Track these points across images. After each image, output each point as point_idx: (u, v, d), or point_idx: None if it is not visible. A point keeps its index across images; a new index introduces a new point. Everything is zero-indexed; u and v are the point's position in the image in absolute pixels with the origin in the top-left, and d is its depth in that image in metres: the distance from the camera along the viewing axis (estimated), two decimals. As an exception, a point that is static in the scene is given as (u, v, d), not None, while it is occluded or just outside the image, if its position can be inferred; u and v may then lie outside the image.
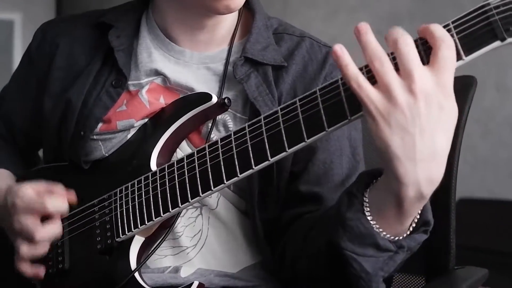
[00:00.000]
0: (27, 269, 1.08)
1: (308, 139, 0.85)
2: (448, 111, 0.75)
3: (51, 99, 1.18)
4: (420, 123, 0.74)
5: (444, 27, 0.77)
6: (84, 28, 1.21)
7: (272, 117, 0.89)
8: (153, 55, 1.14)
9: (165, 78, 1.12)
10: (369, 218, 0.84)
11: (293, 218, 1.06)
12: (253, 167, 0.91)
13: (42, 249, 1.07)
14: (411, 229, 0.86)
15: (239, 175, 0.92)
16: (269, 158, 0.89)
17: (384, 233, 0.85)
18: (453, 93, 0.76)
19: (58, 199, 1.07)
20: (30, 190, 1.07)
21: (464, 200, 3.53)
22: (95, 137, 1.12)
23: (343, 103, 0.82)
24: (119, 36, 1.15)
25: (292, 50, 1.14)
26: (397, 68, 0.76)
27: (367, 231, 0.84)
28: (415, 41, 0.77)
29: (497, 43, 0.75)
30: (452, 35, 0.76)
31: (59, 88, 1.18)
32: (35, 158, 1.37)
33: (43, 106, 1.19)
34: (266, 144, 0.89)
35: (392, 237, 0.85)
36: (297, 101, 0.87)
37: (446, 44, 0.74)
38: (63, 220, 1.11)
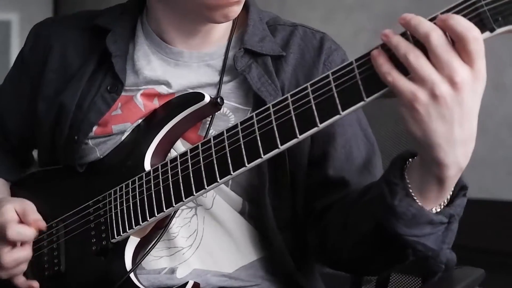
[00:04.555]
0: (19, 283, 1.10)
1: (321, 123, 0.84)
2: (480, 92, 0.77)
3: (44, 101, 1.18)
4: (460, 111, 0.76)
5: (433, 18, 0.77)
6: (77, 30, 1.20)
7: (282, 105, 0.88)
8: (152, 63, 1.14)
9: (166, 85, 1.12)
10: (415, 198, 0.85)
11: (327, 206, 1.07)
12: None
13: (16, 271, 1.08)
14: (448, 197, 0.87)
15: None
16: (279, 146, 0.88)
17: (428, 209, 0.85)
18: (485, 74, 0.76)
19: (22, 228, 1.08)
20: (9, 211, 1.08)
21: (467, 192, 3.53)
22: (89, 141, 1.12)
23: (359, 85, 0.81)
24: (116, 41, 1.14)
25: (287, 39, 1.14)
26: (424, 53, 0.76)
27: (419, 212, 0.84)
28: (434, 18, 0.77)
29: (486, 34, 0.75)
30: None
31: (52, 90, 1.17)
32: (30, 159, 1.36)
33: (37, 109, 1.18)
34: (275, 134, 0.88)
35: (436, 209, 0.86)
36: (309, 86, 0.86)
37: (472, 38, 0.74)
38: (58, 222, 1.12)
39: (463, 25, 0.74)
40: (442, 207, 0.87)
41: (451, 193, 0.87)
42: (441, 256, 0.87)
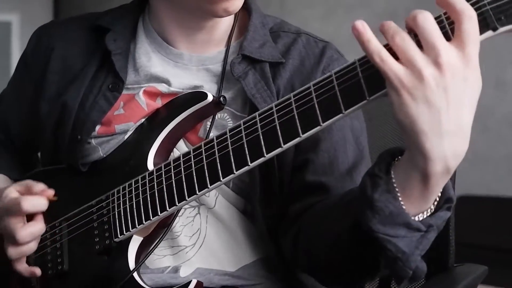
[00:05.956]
0: (22, 269, 1.09)
1: (323, 122, 0.83)
2: (472, 83, 0.74)
3: (47, 103, 1.18)
4: (446, 97, 0.73)
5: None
6: (79, 31, 1.21)
7: (284, 104, 0.87)
8: (152, 60, 1.14)
9: (166, 84, 1.12)
10: (398, 195, 0.81)
11: (302, 210, 1.05)
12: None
13: (28, 248, 1.08)
14: (432, 207, 0.83)
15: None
16: (282, 145, 0.88)
17: (410, 213, 0.82)
18: (478, 65, 0.75)
19: (34, 198, 1.08)
20: (12, 192, 1.08)
21: (463, 197, 3.53)
22: (93, 140, 1.12)
23: (361, 84, 0.80)
24: (116, 40, 1.15)
25: (288, 46, 1.14)
26: (419, 46, 0.75)
27: (397, 210, 0.80)
28: (439, 16, 0.76)
29: (489, 33, 0.75)
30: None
31: (54, 91, 1.18)
32: (34, 161, 1.36)
33: (40, 110, 1.19)
34: (278, 133, 0.88)
35: (418, 217, 0.82)
36: (311, 86, 0.85)
37: (467, 17, 0.73)
38: (61, 222, 1.12)
39: (462, 2, 0.74)
40: (424, 216, 0.82)
41: (435, 203, 0.83)
42: (411, 261, 0.82)
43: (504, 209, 3.58)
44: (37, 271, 1.09)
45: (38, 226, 1.08)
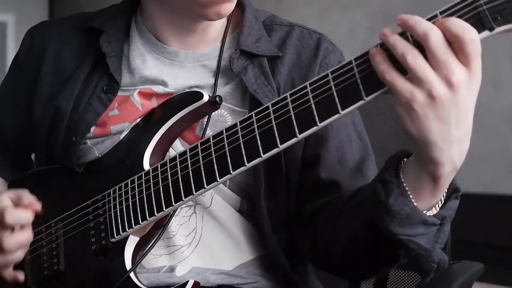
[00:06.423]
0: (6, 274, 1.09)
1: (320, 122, 0.84)
2: (476, 92, 0.77)
3: (40, 105, 1.18)
4: (457, 112, 0.76)
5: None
6: (72, 32, 1.21)
7: (281, 104, 0.88)
8: (147, 62, 1.14)
9: (162, 85, 1.12)
10: (410, 196, 0.84)
11: (317, 210, 1.07)
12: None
13: (15, 257, 1.07)
14: (443, 199, 0.87)
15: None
16: (279, 145, 0.88)
17: (421, 208, 0.85)
18: (480, 74, 0.77)
19: (19, 212, 1.07)
20: (4, 200, 1.07)
21: (460, 195, 3.53)
22: (88, 141, 1.12)
23: (358, 84, 0.81)
24: (110, 42, 1.14)
25: (283, 39, 1.14)
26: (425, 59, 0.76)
27: (413, 211, 0.84)
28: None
29: (485, 33, 0.76)
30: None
31: (48, 93, 1.17)
32: (29, 163, 1.36)
33: (33, 112, 1.18)
34: (274, 133, 0.88)
35: (431, 211, 0.86)
36: (308, 86, 0.85)
37: (469, 40, 0.74)
38: (57, 222, 1.11)
39: (460, 26, 0.75)
40: (436, 209, 0.86)
41: (444, 194, 0.87)
42: (433, 255, 0.86)
43: (501, 207, 3.59)
44: (20, 276, 1.09)
45: (25, 235, 1.07)
